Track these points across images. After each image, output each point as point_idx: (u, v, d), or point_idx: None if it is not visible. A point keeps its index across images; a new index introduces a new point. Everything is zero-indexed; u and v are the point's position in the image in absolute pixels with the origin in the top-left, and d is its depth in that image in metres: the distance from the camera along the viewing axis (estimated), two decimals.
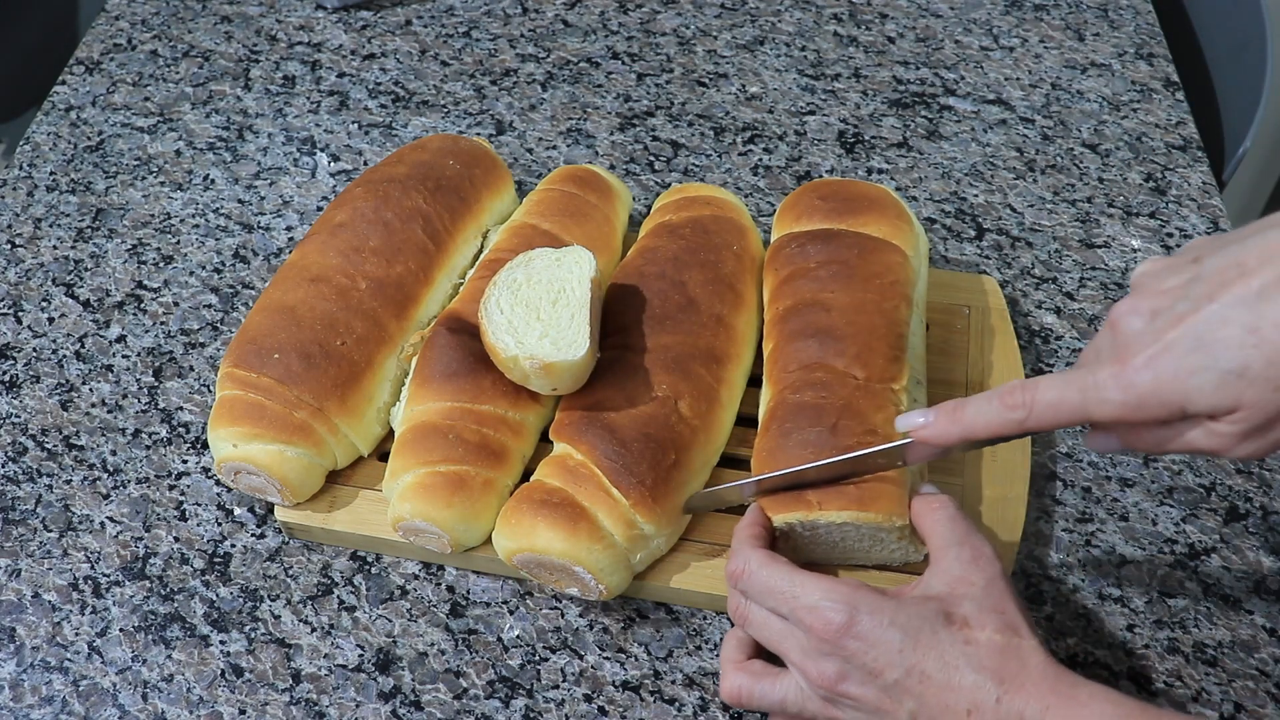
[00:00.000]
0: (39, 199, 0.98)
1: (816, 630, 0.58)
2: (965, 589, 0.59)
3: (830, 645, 0.58)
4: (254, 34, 1.13)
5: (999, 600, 0.59)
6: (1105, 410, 0.54)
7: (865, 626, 0.57)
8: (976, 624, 0.57)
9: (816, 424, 0.68)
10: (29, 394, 0.84)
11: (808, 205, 0.81)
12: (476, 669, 0.70)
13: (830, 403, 0.69)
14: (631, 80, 1.09)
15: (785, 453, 0.68)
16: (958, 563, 0.61)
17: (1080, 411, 0.55)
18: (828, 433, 0.68)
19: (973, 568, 0.60)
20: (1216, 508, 0.78)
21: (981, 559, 0.61)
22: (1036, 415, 0.56)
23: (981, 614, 0.58)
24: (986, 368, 0.82)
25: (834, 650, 0.58)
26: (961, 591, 0.59)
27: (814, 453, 0.67)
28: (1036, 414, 0.56)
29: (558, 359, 0.69)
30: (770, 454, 0.69)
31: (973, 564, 0.61)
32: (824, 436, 0.68)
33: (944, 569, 0.61)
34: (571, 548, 0.67)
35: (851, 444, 0.67)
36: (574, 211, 0.83)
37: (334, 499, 0.75)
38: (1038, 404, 0.56)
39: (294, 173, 1.00)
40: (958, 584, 0.60)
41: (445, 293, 0.82)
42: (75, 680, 0.70)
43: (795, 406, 0.70)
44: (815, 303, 0.74)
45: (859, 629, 0.57)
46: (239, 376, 0.74)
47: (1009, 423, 0.57)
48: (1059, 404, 0.56)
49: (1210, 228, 0.95)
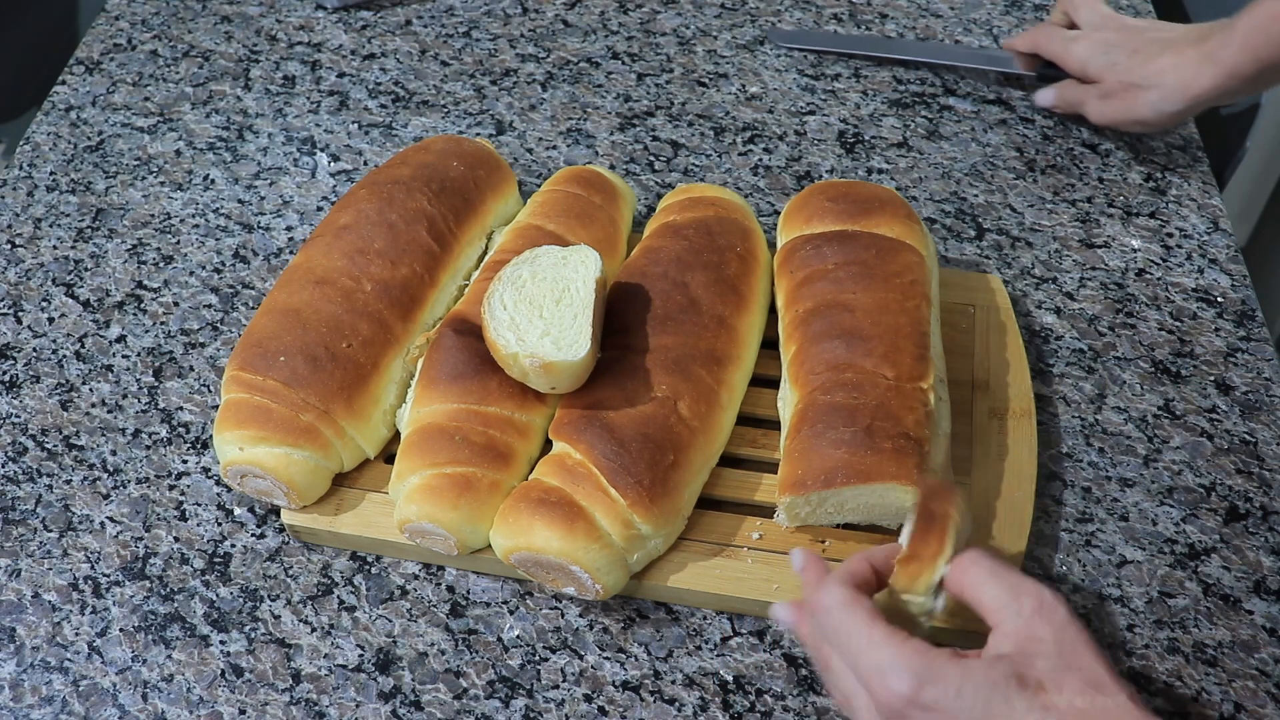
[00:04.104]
0: (39, 199, 0.98)
1: (880, 696, 0.55)
2: (1035, 646, 0.54)
3: (895, 714, 0.55)
4: (254, 34, 1.13)
5: (1074, 653, 0.53)
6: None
7: (931, 696, 0.53)
8: (1053, 686, 0.52)
9: (851, 424, 0.69)
10: (29, 394, 0.84)
11: (818, 207, 0.81)
12: (476, 669, 0.70)
13: (863, 403, 0.70)
14: (631, 80, 1.09)
15: (819, 453, 0.69)
16: (1019, 617, 0.55)
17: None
18: (862, 433, 0.69)
19: (1037, 620, 0.55)
20: (1216, 508, 0.78)
21: (1045, 607, 0.55)
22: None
23: (1058, 674, 0.53)
24: (993, 366, 0.82)
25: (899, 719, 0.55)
26: (1032, 650, 0.54)
27: (848, 452, 0.68)
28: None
29: (558, 358, 0.69)
30: (803, 454, 0.70)
31: (1037, 616, 0.55)
32: (859, 437, 0.69)
33: (1008, 628, 0.55)
34: (568, 547, 0.67)
35: (887, 446, 0.68)
36: (579, 213, 0.83)
37: (340, 502, 0.75)
38: None
39: (294, 173, 1.00)
40: (1026, 642, 0.54)
41: (450, 294, 0.82)
42: (75, 680, 0.70)
43: (827, 407, 0.70)
44: (837, 304, 0.75)
45: (925, 698, 0.53)
46: (245, 379, 0.74)
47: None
48: None
49: (1210, 228, 0.95)
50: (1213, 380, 0.85)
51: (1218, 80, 0.89)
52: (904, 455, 0.68)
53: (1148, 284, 0.91)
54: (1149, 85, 0.93)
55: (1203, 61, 0.89)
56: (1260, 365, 0.86)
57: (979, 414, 0.79)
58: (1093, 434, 0.82)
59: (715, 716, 0.69)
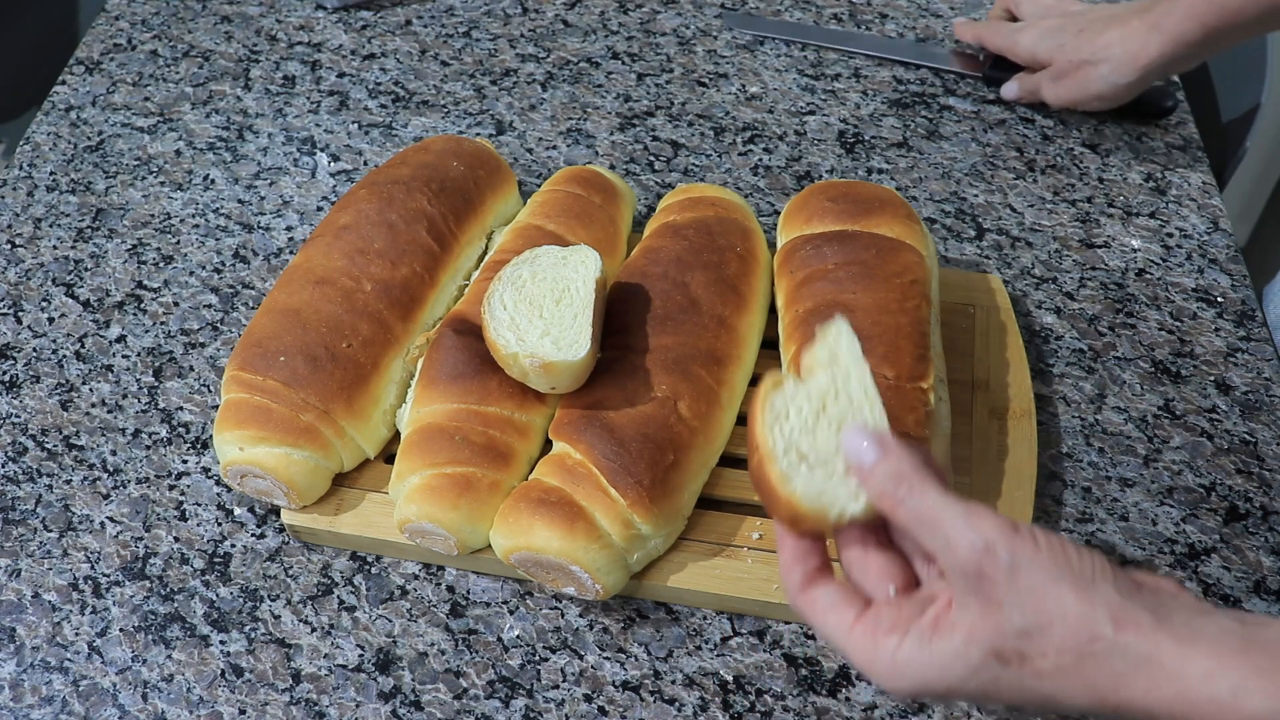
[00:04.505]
0: (39, 199, 0.98)
1: (892, 694, 0.53)
2: (997, 598, 0.49)
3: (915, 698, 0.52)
4: (254, 34, 1.13)
5: (1041, 598, 0.49)
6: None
7: (924, 692, 0.51)
8: (1036, 653, 0.49)
9: None
10: (29, 394, 0.84)
11: (818, 207, 0.81)
12: (476, 669, 0.70)
13: None
14: (631, 80, 1.09)
15: None
16: (972, 551, 0.49)
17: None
18: None
19: (988, 560, 0.49)
20: (1216, 508, 0.78)
21: (989, 550, 0.49)
22: None
23: (1036, 637, 0.49)
24: (993, 366, 0.82)
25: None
26: (996, 612, 0.49)
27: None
28: None
29: (558, 359, 0.69)
30: None
31: (987, 556, 0.49)
32: None
33: (961, 558, 0.49)
34: (568, 547, 0.67)
35: None
36: (579, 213, 0.83)
37: (340, 502, 0.75)
38: None
39: (294, 173, 1.00)
40: (986, 591, 0.49)
41: (450, 295, 0.82)
42: (75, 680, 0.70)
43: None
44: (837, 304, 0.75)
45: (920, 694, 0.51)
46: (245, 380, 0.74)
47: None
48: None
49: (1210, 228, 0.95)
50: (1213, 380, 0.85)
51: (1165, 48, 0.91)
52: None
53: (1148, 284, 0.91)
54: (1099, 60, 0.94)
55: (1149, 31, 0.91)
56: (1260, 365, 0.86)
57: (979, 414, 0.79)
58: (1093, 434, 0.82)
59: (715, 716, 0.69)
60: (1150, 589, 0.50)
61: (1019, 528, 0.49)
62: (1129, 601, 0.48)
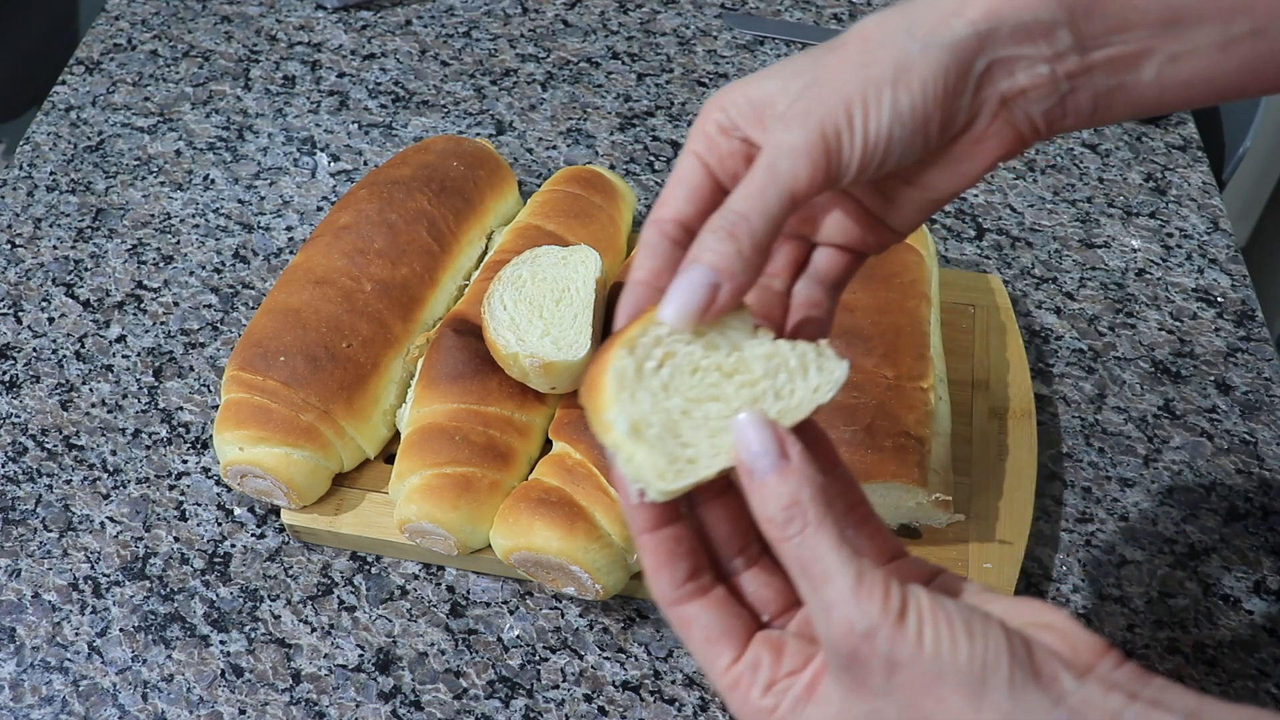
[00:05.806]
0: (39, 199, 0.98)
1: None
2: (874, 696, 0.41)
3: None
4: (254, 34, 1.13)
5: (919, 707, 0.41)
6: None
7: None
8: None
9: (851, 423, 0.69)
10: (29, 394, 0.84)
11: None
12: (476, 669, 0.70)
13: (864, 403, 0.70)
14: (631, 80, 1.09)
15: None
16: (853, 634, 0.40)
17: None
18: (863, 432, 0.69)
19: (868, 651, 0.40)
20: (1216, 508, 0.78)
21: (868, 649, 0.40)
22: None
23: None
24: (993, 366, 0.82)
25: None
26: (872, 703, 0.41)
27: (848, 451, 0.68)
28: None
29: (558, 359, 0.69)
30: None
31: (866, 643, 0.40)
32: (859, 436, 0.69)
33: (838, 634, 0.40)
34: (568, 547, 0.67)
35: (887, 445, 0.68)
36: (579, 212, 0.83)
37: (340, 502, 0.75)
38: None
39: (294, 173, 1.00)
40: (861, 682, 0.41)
41: (450, 294, 0.82)
42: (75, 680, 0.70)
43: (827, 406, 0.71)
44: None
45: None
46: (244, 379, 0.74)
47: None
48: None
49: (1210, 228, 0.95)
50: (1213, 380, 0.85)
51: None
52: (905, 454, 0.68)
53: (1148, 284, 0.91)
54: None
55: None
56: (1260, 365, 0.86)
57: (979, 414, 0.79)
58: (1093, 434, 0.82)
59: (715, 716, 0.69)
60: (1109, 684, 0.40)
61: (906, 615, 0.41)
62: (1020, 708, 0.40)
